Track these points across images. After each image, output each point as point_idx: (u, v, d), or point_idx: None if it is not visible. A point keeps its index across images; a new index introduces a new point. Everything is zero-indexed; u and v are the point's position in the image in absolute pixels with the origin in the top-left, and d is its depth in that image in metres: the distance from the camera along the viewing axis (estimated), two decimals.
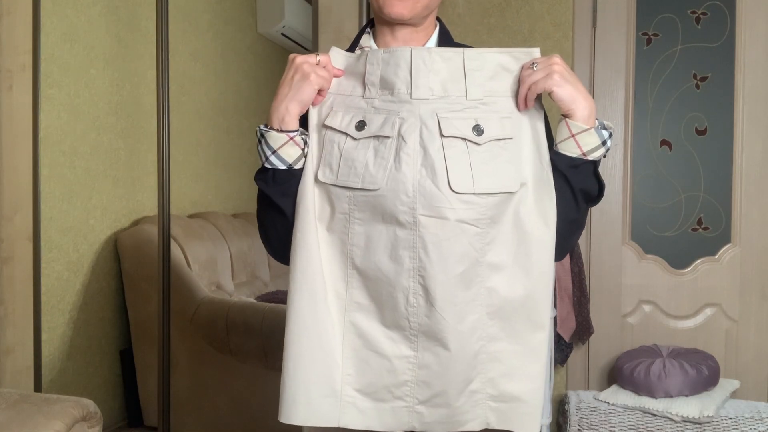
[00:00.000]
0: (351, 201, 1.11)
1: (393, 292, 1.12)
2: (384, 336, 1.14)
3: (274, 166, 1.14)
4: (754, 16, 2.74)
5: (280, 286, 3.86)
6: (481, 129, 1.10)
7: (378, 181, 1.09)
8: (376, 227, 1.11)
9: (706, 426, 2.50)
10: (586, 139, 1.13)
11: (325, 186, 1.12)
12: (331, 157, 1.12)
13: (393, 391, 1.15)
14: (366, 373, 1.15)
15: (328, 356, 1.14)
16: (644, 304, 2.85)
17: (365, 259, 1.12)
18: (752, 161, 2.77)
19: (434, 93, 1.11)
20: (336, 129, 1.13)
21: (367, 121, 1.11)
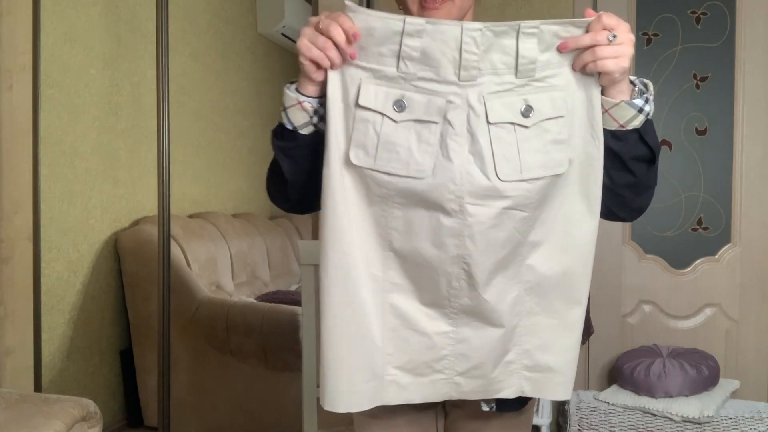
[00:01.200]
0: (391, 185, 1.06)
1: (435, 276, 1.10)
2: (422, 314, 1.14)
3: (283, 123, 1.12)
4: (754, 16, 2.73)
5: (280, 286, 3.86)
6: (531, 109, 1.06)
7: (425, 169, 1.04)
8: (417, 212, 1.07)
9: (706, 426, 2.50)
10: (620, 112, 1.09)
11: (359, 169, 1.06)
12: (366, 139, 1.04)
13: (433, 365, 1.15)
14: (406, 351, 1.15)
15: (366, 339, 1.13)
16: (644, 304, 2.85)
17: (405, 243, 1.09)
18: (752, 161, 2.77)
19: (483, 75, 1.04)
20: (370, 108, 1.04)
21: (407, 101, 1.04)
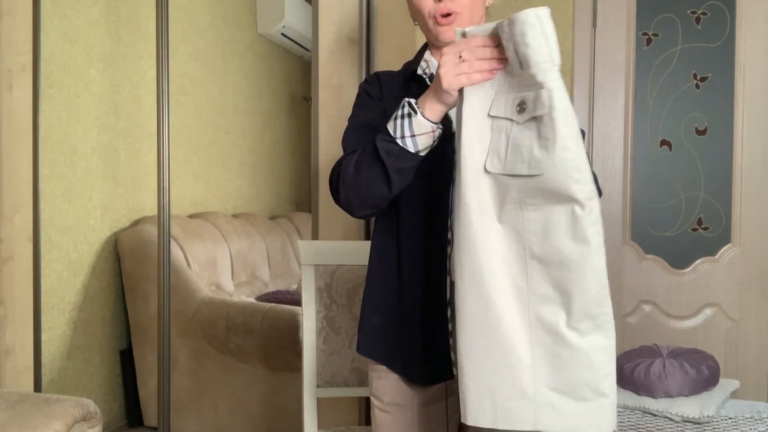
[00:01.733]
0: (520, 188, 1.05)
1: (581, 276, 1.04)
2: (574, 328, 1.06)
3: (405, 147, 1.17)
4: (754, 16, 2.73)
5: (280, 286, 3.86)
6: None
7: (542, 165, 1.03)
8: (553, 209, 1.05)
9: (706, 426, 2.50)
10: None
11: (493, 176, 1.08)
12: (499, 145, 1.08)
13: (596, 388, 1.06)
14: (561, 370, 1.06)
15: (509, 354, 1.07)
16: (644, 304, 2.85)
17: (545, 245, 1.05)
18: (752, 161, 2.77)
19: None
20: (501, 117, 1.09)
21: (525, 101, 1.06)
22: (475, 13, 1.37)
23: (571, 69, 2.82)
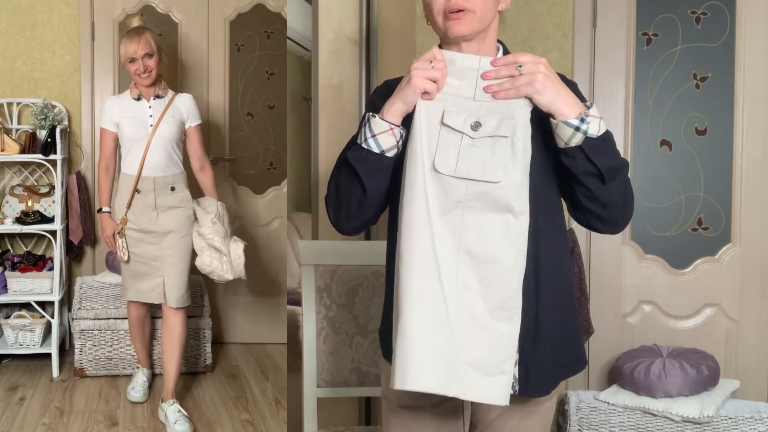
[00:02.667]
0: (467, 191, 1.23)
1: (506, 275, 1.24)
2: (490, 315, 1.25)
3: (370, 148, 1.29)
4: (754, 16, 2.73)
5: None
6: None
7: (498, 175, 1.21)
8: (489, 215, 1.24)
9: (706, 426, 2.50)
10: (560, 132, 1.26)
11: (441, 176, 1.23)
12: (448, 152, 1.24)
13: (499, 366, 1.25)
14: (477, 349, 1.24)
15: (440, 329, 1.24)
16: (644, 304, 2.85)
17: (479, 244, 1.24)
18: (752, 161, 2.77)
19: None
20: (452, 128, 1.25)
21: (482, 122, 1.24)
22: (487, 13, 1.34)
23: (571, 69, 2.82)
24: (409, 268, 1.24)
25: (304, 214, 4.43)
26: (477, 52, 1.34)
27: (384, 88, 1.46)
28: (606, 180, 1.28)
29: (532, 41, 2.84)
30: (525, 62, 1.22)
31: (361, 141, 1.30)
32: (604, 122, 1.28)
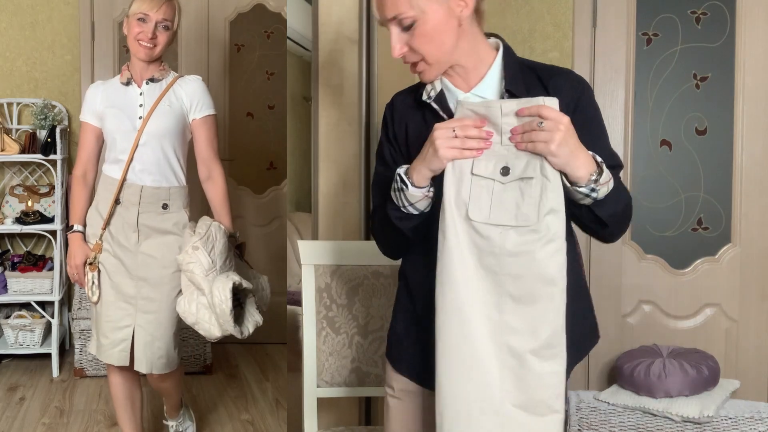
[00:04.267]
0: (501, 237, 1.25)
1: (549, 314, 1.26)
2: (536, 355, 1.26)
3: (409, 212, 1.35)
4: (754, 16, 2.73)
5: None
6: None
7: (531, 218, 1.23)
8: (527, 257, 1.24)
9: (706, 426, 2.50)
10: (571, 193, 1.29)
11: (476, 224, 1.26)
12: (480, 200, 1.26)
13: (551, 404, 1.28)
14: (524, 390, 1.27)
15: (483, 375, 1.26)
16: (644, 304, 2.85)
17: (520, 287, 1.25)
18: (752, 161, 2.77)
19: None
20: (482, 176, 1.27)
21: (511, 166, 1.26)
22: (437, 51, 1.32)
23: (571, 69, 2.82)
24: (446, 322, 1.27)
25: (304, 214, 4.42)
26: (462, 68, 1.37)
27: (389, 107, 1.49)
28: (609, 225, 1.35)
29: (532, 41, 2.84)
30: (547, 119, 1.21)
31: (399, 206, 1.35)
32: (612, 181, 1.30)
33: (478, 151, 1.27)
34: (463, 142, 1.26)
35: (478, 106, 1.27)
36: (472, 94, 1.37)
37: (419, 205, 1.34)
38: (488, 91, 1.37)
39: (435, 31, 1.30)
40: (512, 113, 1.24)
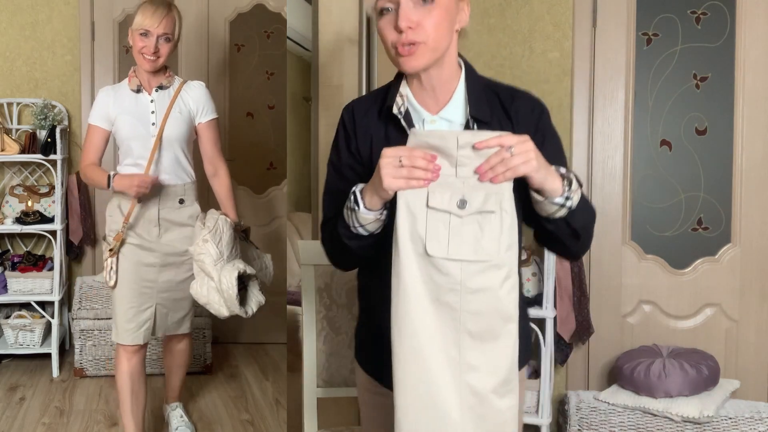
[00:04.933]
0: (462, 271, 1.21)
1: (507, 350, 1.24)
2: (496, 394, 1.24)
3: (359, 233, 1.32)
4: (754, 16, 2.73)
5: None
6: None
7: (491, 252, 1.20)
8: (485, 294, 1.21)
9: (706, 426, 2.50)
10: (546, 207, 1.27)
11: (435, 260, 1.21)
12: (438, 234, 1.22)
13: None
14: (484, 427, 1.24)
15: (443, 416, 1.23)
16: (644, 304, 2.85)
17: (479, 323, 1.22)
18: (752, 161, 2.77)
19: None
20: (439, 209, 1.22)
21: (468, 199, 1.21)
22: (441, 40, 1.31)
23: (571, 69, 2.82)
24: (404, 363, 1.23)
25: (304, 214, 4.43)
26: (437, 78, 1.35)
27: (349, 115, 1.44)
28: (581, 236, 1.35)
29: (532, 41, 2.84)
30: (513, 143, 1.19)
31: (349, 225, 1.32)
32: (580, 190, 1.29)
33: (425, 181, 1.22)
34: (410, 171, 1.21)
35: (433, 137, 1.22)
36: (439, 117, 1.36)
37: (370, 227, 1.30)
38: (455, 113, 1.37)
39: (444, 17, 1.29)
40: (468, 145, 1.20)
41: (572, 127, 2.83)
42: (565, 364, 2.83)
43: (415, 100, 1.38)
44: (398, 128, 1.37)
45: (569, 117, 2.83)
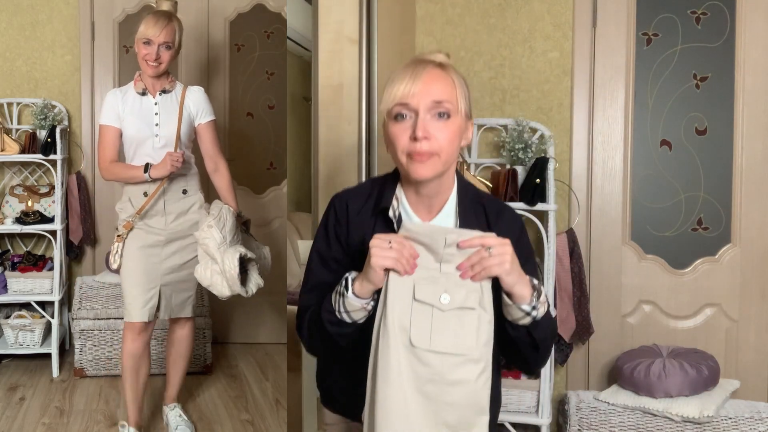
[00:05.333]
0: (442, 363, 1.26)
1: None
2: None
3: (343, 319, 1.33)
4: (754, 16, 2.73)
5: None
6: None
7: (470, 346, 1.26)
8: (463, 387, 1.27)
9: (706, 426, 2.50)
10: (513, 312, 1.32)
11: (418, 351, 1.26)
12: (422, 326, 1.27)
13: None
14: None
15: None
16: (644, 304, 2.85)
17: (453, 415, 1.27)
18: (752, 161, 2.77)
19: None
20: (424, 302, 1.27)
21: (450, 294, 1.27)
22: (452, 155, 1.38)
23: (571, 69, 2.82)
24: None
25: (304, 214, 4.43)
26: (435, 189, 1.41)
27: (342, 210, 1.49)
28: (540, 349, 1.39)
29: (532, 41, 2.84)
30: (493, 245, 1.26)
31: (335, 310, 1.34)
32: (546, 304, 1.34)
33: (411, 270, 1.28)
34: (398, 253, 1.27)
35: (423, 235, 1.28)
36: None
37: (354, 315, 1.33)
38: (446, 222, 1.44)
39: (456, 133, 1.38)
40: (454, 244, 1.26)
41: (572, 127, 2.83)
42: (565, 364, 2.83)
43: (409, 206, 1.45)
44: (389, 228, 1.43)
45: (569, 117, 2.83)
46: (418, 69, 1.36)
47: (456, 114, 1.36)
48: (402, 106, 1.36)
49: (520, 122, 2.63)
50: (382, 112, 1.41)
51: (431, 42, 2.90)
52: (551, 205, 2.55)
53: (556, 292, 2.64)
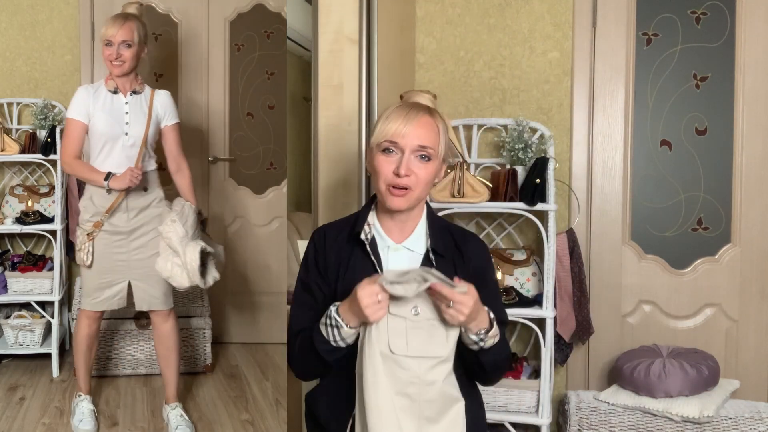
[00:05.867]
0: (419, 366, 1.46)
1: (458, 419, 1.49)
2: None
3: (339, 345, 1.51)
4: (754, 16, 2.74)
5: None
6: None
7: (440, 352, 1.47)
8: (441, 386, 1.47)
9: (706, 426, 2.50)
10: (464, 339, 1.52)
11: (397, 357, 1.45)
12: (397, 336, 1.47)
13: None
14: None
15: None
16: (644, 304, 2.85)
17: (432, 409, 1.46)
18: (752, 161, 2.77)
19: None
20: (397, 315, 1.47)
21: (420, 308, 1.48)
22: (425, 191, 1.60)
23: (571, 69, 2.83)
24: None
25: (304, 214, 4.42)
26: (407, 215, 1.63)
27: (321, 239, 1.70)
28: (488, 371, 1.60)
29: (532, 41, 2.84)
30: (456, 301, 1.43)
31: (329, 340, 1.51)
32: (498, 336, 1.54)
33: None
34: (384, 305, 1.46)
35: (398, 287, 1.44)
36: (402, 246, 1.63)
37: (349, 340, 1.51)
38: (417, 244, 1.64)
39: (433, 173, 1.60)
40: (427, 284, 1.43)
41: (572, 127, 2.83)
42: (565, 364, 2.83)
43: (382, 229, 1.65)
44: (363, 252, 1.62)
45: (569, 117, 2.83)
46: (411, 114, 1.57)
47: (435, 158, 1.58)
48: (391, 143, 1.56)
49: (520, 122, 2.63)
50: (372, 143, 1.60)
51: (431, 42, 2.90)
52: (551, 205, 2.55)
53: (556, 292, 2.64)
